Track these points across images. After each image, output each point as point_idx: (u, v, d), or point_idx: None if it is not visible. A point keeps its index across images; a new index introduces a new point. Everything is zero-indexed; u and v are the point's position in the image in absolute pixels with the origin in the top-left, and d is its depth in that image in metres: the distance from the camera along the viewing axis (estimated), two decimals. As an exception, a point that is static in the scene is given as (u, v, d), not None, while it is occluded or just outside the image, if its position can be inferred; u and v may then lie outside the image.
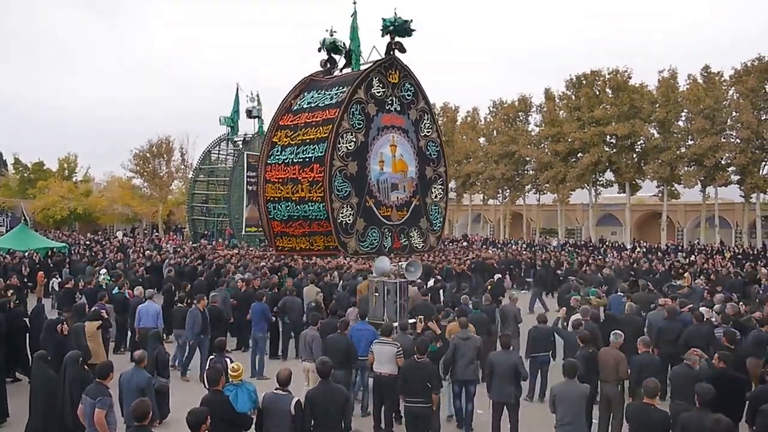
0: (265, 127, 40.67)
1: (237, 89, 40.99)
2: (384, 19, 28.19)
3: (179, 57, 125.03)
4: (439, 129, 33.40)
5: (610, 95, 45.02)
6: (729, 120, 40.39)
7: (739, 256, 32.56)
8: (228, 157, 42.04)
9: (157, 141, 55.32)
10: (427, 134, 30.83)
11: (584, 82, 46.33)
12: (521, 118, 52.09)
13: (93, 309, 11.17)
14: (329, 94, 27.60)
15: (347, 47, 29.65)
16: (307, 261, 22.49)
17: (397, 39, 28.60)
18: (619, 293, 14.81)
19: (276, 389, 6.72)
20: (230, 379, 6.92)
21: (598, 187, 48.46)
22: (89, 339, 10.10)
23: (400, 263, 12.16)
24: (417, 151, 30.15)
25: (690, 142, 41.58)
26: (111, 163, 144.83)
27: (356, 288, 15.12)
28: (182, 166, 56.43)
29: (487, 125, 54.89)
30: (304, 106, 28.14)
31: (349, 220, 26.40)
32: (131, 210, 57.27)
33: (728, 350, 8.64)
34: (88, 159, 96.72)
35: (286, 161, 27.18)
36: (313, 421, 6.75)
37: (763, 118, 39.19)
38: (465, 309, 11.92)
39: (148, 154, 55.16)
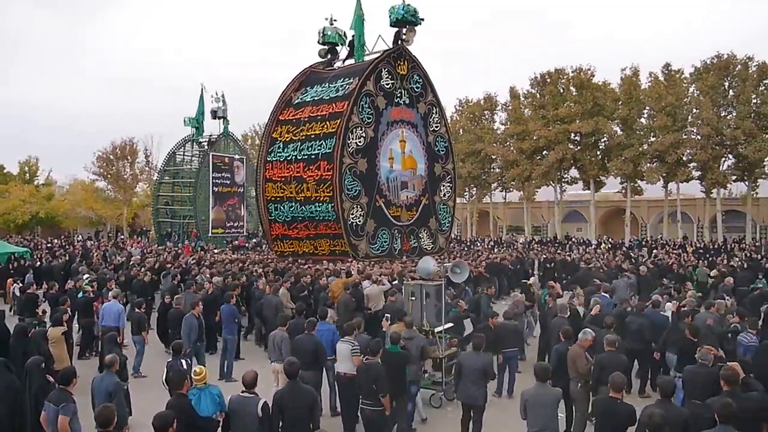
0: (231, 128, 40.54)
1: (202, 90, 40.57)
2: (392, 8, 26.60)
3: (142, 57, 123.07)
4: (447, 124, 31.85)
5: (574, 93, 45.65)
6: (690, 117, 41.28)
7: (701, 250, 33.30)
8: (193, 158, 41.55)
9: (120, 143, 54.51)
10: (436, 129, 29.16)
11: (548, 80, 46.90)
12: (487, 116, 52.49)
13: (55, 314, 10.92)
14: (334, 86, 25.92)
15: (348, 37, 28.26)
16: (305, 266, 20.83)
17: (404, 29, 26.88)
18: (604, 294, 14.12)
19: (242, 392, 6.66)
20: (194, 383, 6.82)
21: (563, 184, 49.10)
22: (53, 345, 9.92)
23: (444, 264, 11.36)
24: (426, 147, 28.53)
25: (652, 139, 42.39)
26: (74, 165, 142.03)
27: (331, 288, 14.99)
28: (147, 168, 55.76)
29: (453, 124, 55.16)
30: (307, 100, 26.36)
31: (360, 221, 24.64)
32: (95, 213, 56.26)
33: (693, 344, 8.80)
34: (49, 162, 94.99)
35: (289, 158, 25.34)
36: (281, 423, 6.68)
37: (722, 114, 40.15)
38: (487, 313, 11.92)
39: (111, 156, 54.29)
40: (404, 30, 26.82)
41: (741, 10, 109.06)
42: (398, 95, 26.88)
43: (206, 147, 39.76)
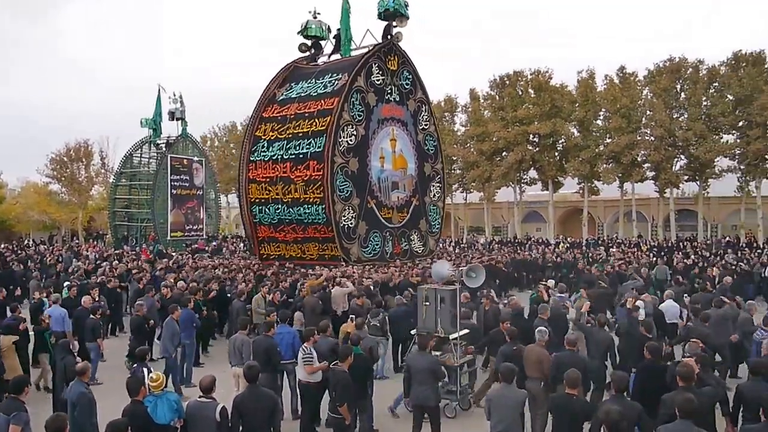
0: (189, 129, 39.91)
1: (159, 90, 39.79)
2: (381, 1, 25.57)
3: (97, 57, 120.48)
4: (436, 122, 31.12)
5: (532, 95, 46.29)
6: (643, 119, 42.33)
7: (656, 249, 34.13)
8: (151, 160, 40.71)
9: (75, 144, 53.17)
10: (425, 127, 28.25)
11: (507, 82, 47.47)
12: (447, 118, 52.85)
13: (5, 323, 10.63)
14: (321, 82, 24.76)
15: (332, 31, 27.28)
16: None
17: (395, 23, 25.97)
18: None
19: (200, 397, 6.57)
20: (150, 390, 6.69)
21: (522, 185, 49.76)
22: (3, 354, 9.63)
23: (460, 268, 10.84)
24: (416, 146, 27.59)
25: (608, 141, 43.30)
26: (26, 168, 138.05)
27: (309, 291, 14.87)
28: (102, 171, 54.42)
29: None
30: (293, 96, 25.13)
31: (351, 223, 23.54)
32: (48, 217, 54.78)
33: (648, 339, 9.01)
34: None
35: (275, 158, 24.11)
36: (240, 428, 6.61)
37: (674, 116, 41.25)
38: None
39: (65, 159, 52.92)
40: (394, 22, 26.01)
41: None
42: (388, 92, 25.99)
43: (164, 149, 39.05)
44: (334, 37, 27.45)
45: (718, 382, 7.92)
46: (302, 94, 24.87)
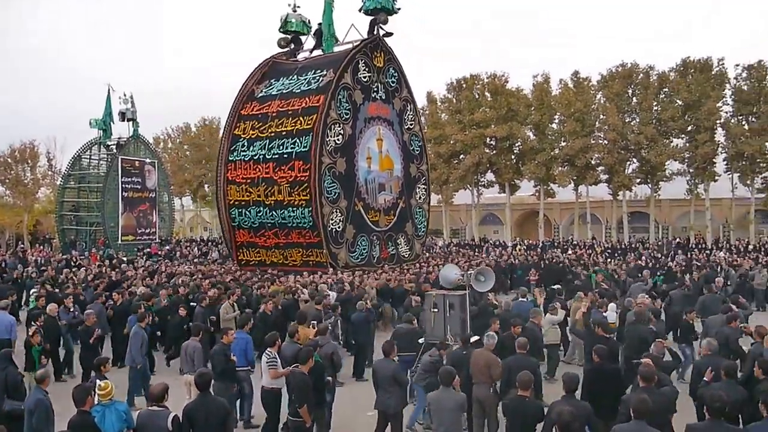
0: (141, 130, 38.90)
1: (109, 90, 38.65)
2: None
3: (44, 54, 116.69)
4: (421, 122, 30.25)
5: (489, 98, 46.66)
6: (597, 122, 43.11)
7: (609, 250, 34.77)
8: (101, 162, 39.56)
9: (20, 145, 51.27)
10: (410, 127, 27.35)
11: (464, 85, 47.76)
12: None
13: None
14: (304, 79, 23.80)
15: (313, 26, 26.50)
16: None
17: (380, 18, 25.24)
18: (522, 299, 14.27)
19: (151, 405, 6.31)
20: (99, 399, 6.40)
21: (479, 187, 50.10)
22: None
23: (468, 272, 10.39)
24: (402, 146, 26.64)
25: (563, 144, 43.91)
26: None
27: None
28: (50, 173, 52.65)
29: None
30: (273, 93, 24.17)
31: (339, 227, 22.53)
32: (-9, 220, 52.74)
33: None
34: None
35: (256, 158, 23.04)
36: (193, 437, 6.34)
37: (627, 120, 42.14)
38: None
39: (9, 160, 51.01)
40: (380, 19, 25.23)
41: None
42: (375, 89, 25.08)
43: (115, 150, 37.96)
44: (314, 33, 26.67)
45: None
46: (284, 91, 24.01)
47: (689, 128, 40.69)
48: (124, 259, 28.67)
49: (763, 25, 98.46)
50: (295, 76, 24.27)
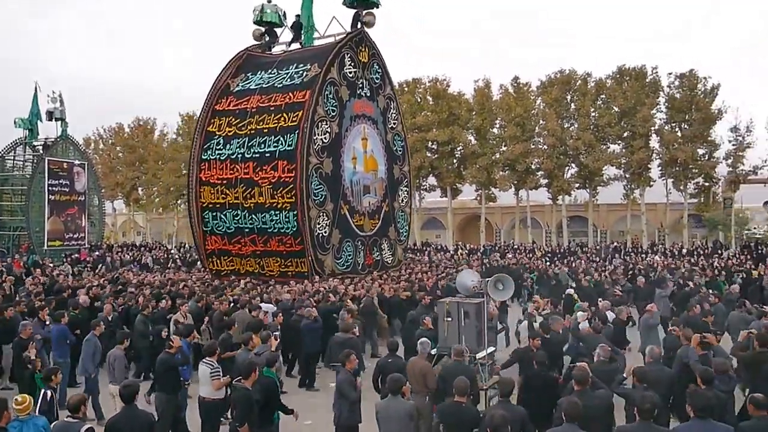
0: (70, 131, 37.09)
1: (36, 88, 36.72)
2: None
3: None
4: (404, 121, 28.82)
5: (430, 102, 46.65)
6: (537, 128, 43.60)
7: (549, 254, 35.08)
8: (26, 163, 37.57)
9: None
10: (394, 126, 26.05)
11: (406, 89, 47.59)
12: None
13: None
14: (286, 73, 22.25)
15: (288, 17, 25.15)
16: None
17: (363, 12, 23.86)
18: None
19: (67, 416, 6.19)
20: (16, 414, 6.29)
21: (421, 191, 50.01)
22: None
23: (486, 279, 9.77)
24: (385, 146, 25.29)
25: (504, 149, 44.25)
26: None
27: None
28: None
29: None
30: (252, 87, 22.54)
31: (325, 232, 21.08)
32: None
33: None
34: None
35: (234, 156, 21.34)
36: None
37: (565, 126, 42.77)
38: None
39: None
40: (363, 12, 23.94)
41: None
42: (360, 86, 23.70)
43: (41, 151, 36.07)
44: (292, 26, 25.34)
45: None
46: (264, 86, 22.36)
47: (625, 134, 41.63)
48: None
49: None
50: (275, 70, 22.78)
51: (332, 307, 14.22)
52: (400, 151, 26.77)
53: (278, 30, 26.10)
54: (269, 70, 22.93)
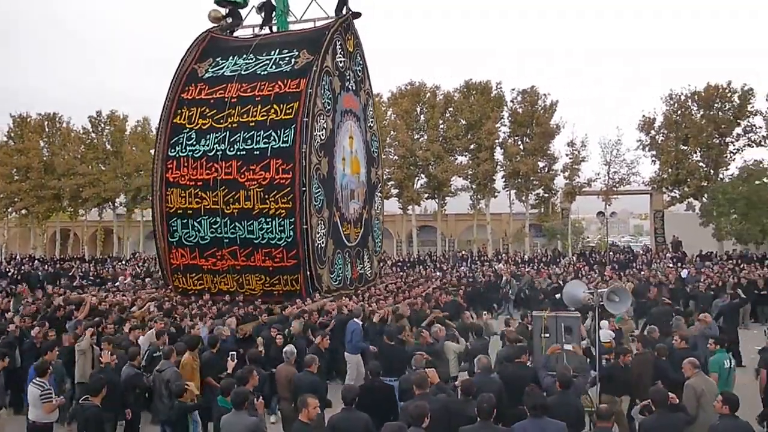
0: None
1: None
2: None
3: None
4: (376, 121, 25.51)
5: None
6: (388, 138, 43.92)
7: (400, 263, 35.35)
8: None
9: None
10: (371, 125, 23.50)
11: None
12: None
13: None
14: (268, 59, 19.03)
15: None
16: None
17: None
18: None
19: None
20: None
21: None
22: None
23: (599, 290, 8.79)
24: (365, 146, 22.59)
25: (355, 159, 44.02)
26: None
27: None
28: None
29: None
30: (227, 74, 19.05)
31: (323, 242, 18.22)
32: None
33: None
34: None
35: (212, 154, 17.91)
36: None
37: (415, 137, 43.46)
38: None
39: None
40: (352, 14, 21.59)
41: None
42: (348, 78, 20.93)
43: None
44: (260, 7, 21.93)
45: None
46: (242, 73, 18.97)
47: (472, 146, 42.93)
48: None
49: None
50: (252, 56, 19.54)
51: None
52: (375, 152, 24.35)
53: (243, 12, 22.56)
54: (245, 56, 19.65)
